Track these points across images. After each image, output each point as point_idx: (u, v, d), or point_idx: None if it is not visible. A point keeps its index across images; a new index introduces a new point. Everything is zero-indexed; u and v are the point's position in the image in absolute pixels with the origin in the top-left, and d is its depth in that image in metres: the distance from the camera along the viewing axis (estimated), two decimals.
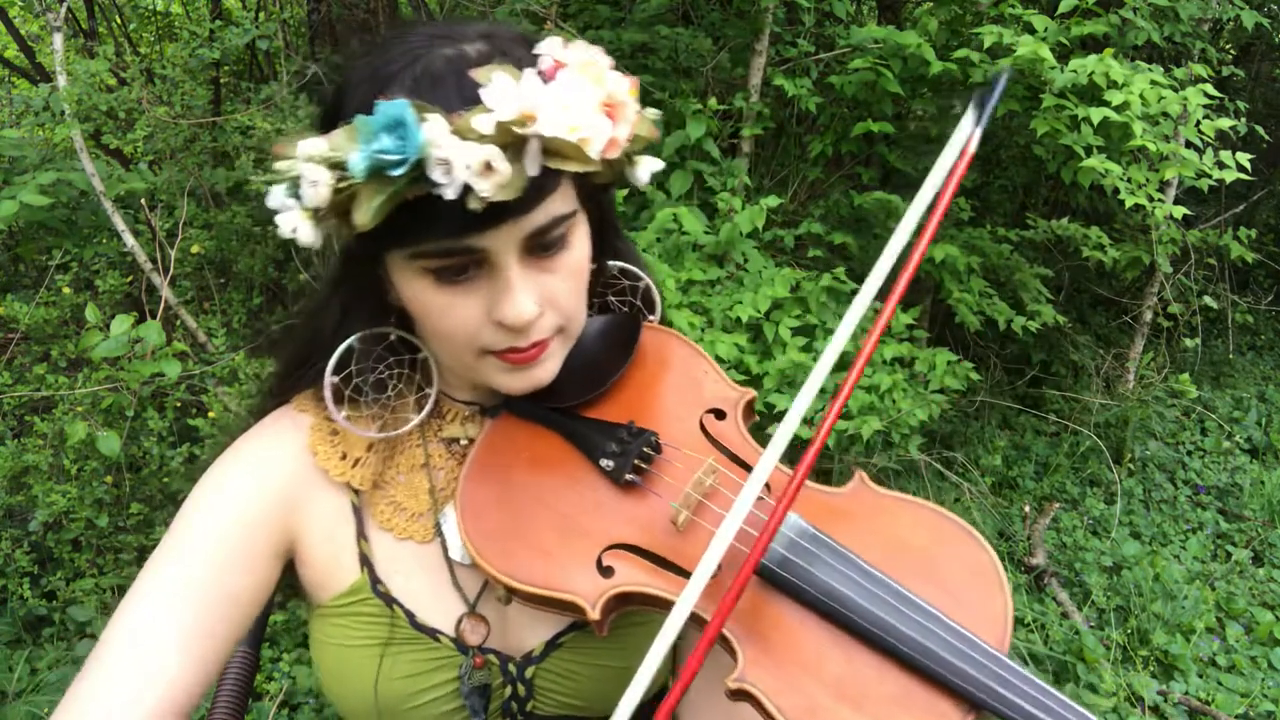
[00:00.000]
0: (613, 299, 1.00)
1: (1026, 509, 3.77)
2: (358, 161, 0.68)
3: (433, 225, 0.72)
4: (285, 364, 0.94)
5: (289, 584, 0.99)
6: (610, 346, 0.91)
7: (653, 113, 0.81)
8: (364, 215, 0.70)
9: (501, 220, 0.72)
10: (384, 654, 0.85)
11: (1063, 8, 3.18)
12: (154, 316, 2.72)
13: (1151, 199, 3.22)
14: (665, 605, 0.74)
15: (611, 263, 0.97)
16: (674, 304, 2.86)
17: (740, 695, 0.71)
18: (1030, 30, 3.22)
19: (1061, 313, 3.97)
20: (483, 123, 0.68)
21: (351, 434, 0.88)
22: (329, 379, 0.85)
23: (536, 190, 0.72)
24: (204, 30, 3.12)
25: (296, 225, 0.74)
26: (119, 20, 4.27)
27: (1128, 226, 4.53)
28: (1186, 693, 2.93)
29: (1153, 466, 4.26)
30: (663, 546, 0.78)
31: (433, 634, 0.86)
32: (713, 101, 3.32)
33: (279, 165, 0.74)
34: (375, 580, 0.86)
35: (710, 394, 0.89)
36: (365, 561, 0.87)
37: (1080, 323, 4.95)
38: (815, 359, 2.94)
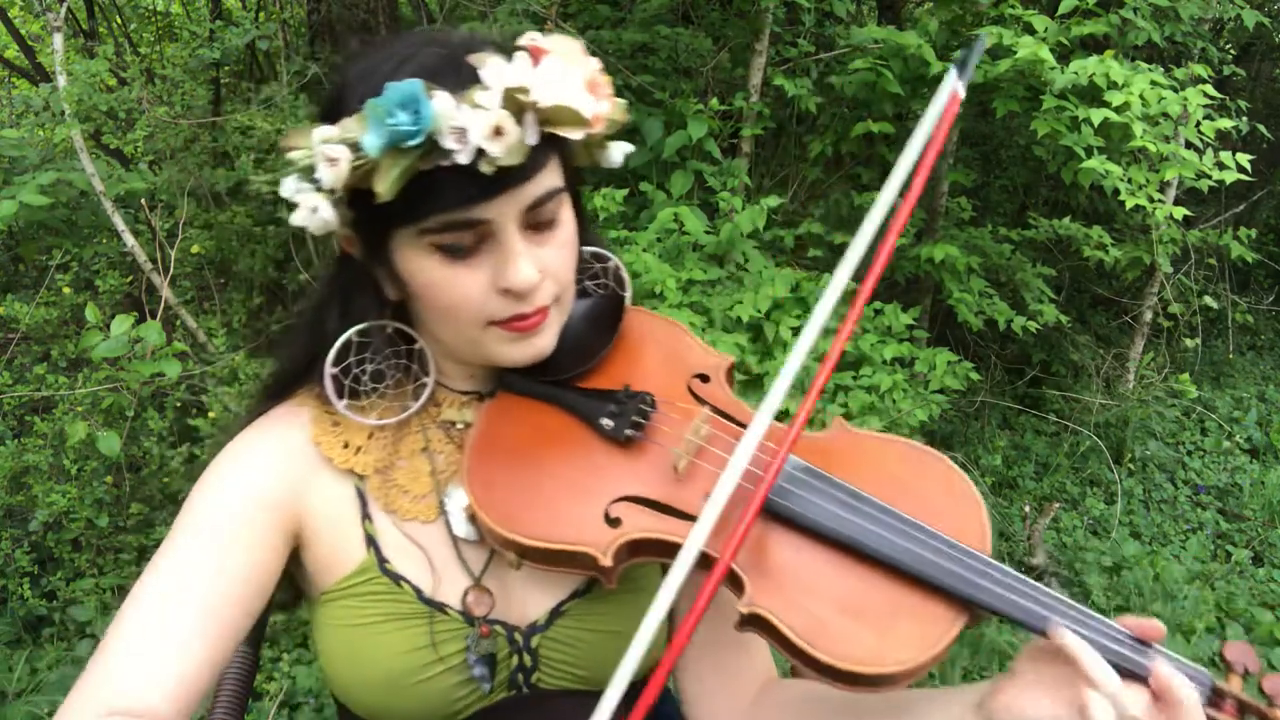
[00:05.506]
0: (589, 284, 1.04)
1: (1026, 509, 3.77)
2: (375, 138, 0.76)
3: (440, 199, 0.79)
4: (287, 363, 0.98)
5: (291, 586, 1.00)
6: (596, 324, 0.97)
7: (620, 101, 0.90)
8: (384, 185, 0.77)
9: (502, 190, 0.80)
10: (393, 629, 0.87)
11: (1063, 8, 3.18)
12: (154, 316, 2.72)
13: (1152, 199, 3.23)
14: (673, 550, 0.77)
15: (584, 247, 1.01)
16: (674, 304, 2.86)
17: (751, 621, 0.77)
18: (1030, 31, 3.21)
19: (1062, 312, 3.97)
20: (488, 94, 0.77)
21: (352, 424, 0.93)
22: (329, 370, 0.90)
23: (532, 163, 0.80)
24: (204, 30, 3.13)
25: (317, 205, 0.82)
26: (119, 20, 4.27)
27: (1128, 227, 4.52)
28: None
29: (1153, 466, 4.26)
30: (666, 495, 0.84)
31: (440, 607, 0.89)
32: (714, 102, 3.32)
33: (292, 155, 0.81)
34: (382, 560, 0.90)
35: (694, 361, 0.96)
36: (371, 542, 0.90)
37: (1080, 323, 4.94)
38: (816, 360, 2.95)
